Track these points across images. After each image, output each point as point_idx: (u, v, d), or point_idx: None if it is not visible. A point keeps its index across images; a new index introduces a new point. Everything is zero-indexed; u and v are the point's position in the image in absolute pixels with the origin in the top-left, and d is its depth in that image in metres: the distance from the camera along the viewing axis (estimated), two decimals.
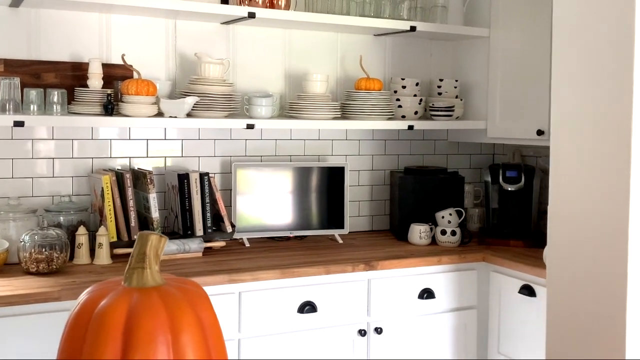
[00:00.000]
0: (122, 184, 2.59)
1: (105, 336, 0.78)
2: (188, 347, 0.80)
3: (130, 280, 0.88)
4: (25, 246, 2.33)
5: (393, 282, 2.70)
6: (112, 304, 0.81)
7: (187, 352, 0.80)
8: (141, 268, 0.86)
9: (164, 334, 0.79)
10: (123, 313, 0.80)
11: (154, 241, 0.87)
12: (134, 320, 0.79)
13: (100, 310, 0.80)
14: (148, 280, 0.87)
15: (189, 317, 0.82)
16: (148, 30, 2.79)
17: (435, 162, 3.45)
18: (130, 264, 0.89)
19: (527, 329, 2.71)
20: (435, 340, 2.79)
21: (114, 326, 0.78)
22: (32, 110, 2.42)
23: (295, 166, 3.01)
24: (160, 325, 0.79)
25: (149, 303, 0.81)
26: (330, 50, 3.15)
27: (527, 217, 3.10)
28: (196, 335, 0.81)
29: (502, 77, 3.13)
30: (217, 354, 0.84)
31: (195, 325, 0.81)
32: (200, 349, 0.81)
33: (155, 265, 0.88)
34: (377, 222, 3.34)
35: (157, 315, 0.80)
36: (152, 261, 0.87)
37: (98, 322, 0.79)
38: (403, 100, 3.11)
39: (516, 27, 3.05)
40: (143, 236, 0.88)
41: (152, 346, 0.78)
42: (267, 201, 2.95)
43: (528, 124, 2.97)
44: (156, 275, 0.88)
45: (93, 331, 0.79)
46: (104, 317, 0.79)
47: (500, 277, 2.83)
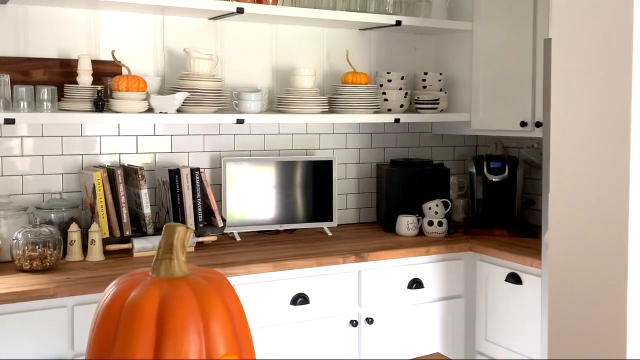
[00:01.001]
0: (114, 181, 2.60)
1: (139, 325, 0.81)
2: (218, 334, 0.83)
3: (159, 271, 0.90)
4: (19, 244, 2.33)
5: (383, 272, 2.74)
6: (143, 294, 0.83)
7: (218, 338, 0.83)
8: (169, 259, 0.89)
9: (195, 322, 0.82)
10: (155, 302, 0.82)
11: (181, 232, 0.90)
12: (166, 309, 0.81)
13: (132, 300, 0.83)
14: (176, 271, 0.90)
15: (218, 305, 0.84)
16: (136, 26, 2.80)
17: (420, 154, 3.50)
18: (158, 255, 0.92)
19: (513, 316, 2.78)
20: (425, 329, 2.85)
21: (147, 315, 0.81)
22: (22, 108, 2.41)
23: (283, 160, 3.04)
24: (191, 313, 0.82)
25: (179, 292, 0.84)
26: (316, 45, 3.18)
27: (511, 207, 3.17)
28: (225, 323, 0.84)
29: (485, 70, 3.18)
30: (245, 340, 0.87)
31: (224, 313, 0.84)
32: (229, 335, 0.84)
33: (182, 256, 0.90)
34: (364, 215, 3.39)
35: (188, 304, 0.83)
36: (179, 252, 0.89)
37: (131, 312, 0.81)
38: (389, 94, 3.15)
39: (499, 21, 3.11)
40: (170, 228, 0.91)
41: (185, 334, 0.81)
42: (256, 195, 2.98)
43: (511, 116, 3.04)
44: (183, 265, 0.90)
45: (126, 321, 0.81)
46: (137, 307, 0.82)
47: (487, 266, 2.89)
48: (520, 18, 3.00)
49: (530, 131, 2.98)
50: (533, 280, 2.66)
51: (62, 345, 2.18)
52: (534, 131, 2.97)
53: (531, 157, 3.28)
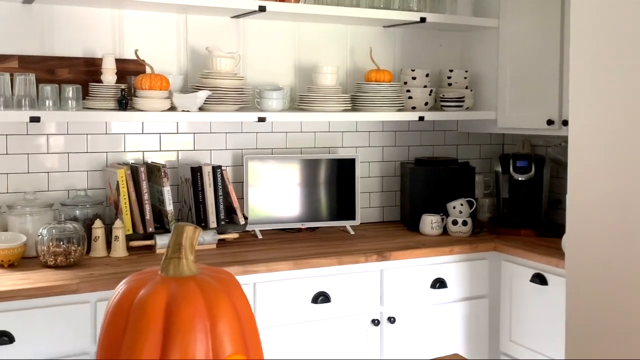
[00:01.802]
0: (137, 178, 2.62)
1: (146, 324, 0.81)
2: (225, 335, 0.83)
3: (167, 270, 0.90)
4: (44, 240, 2.36)
5: (405, 272, 2.72)
6: (152, 292, 0.83)
7: (225, 339, 0.83)
8: (177, 258, 0.89)
9: (202, 322, 0.81)
10: (163, 301, 0.82)
11: (190, 232, 0.90)
12: (174, 308, 0.81)
13: (140, 298, 0.83)
14: (184, 270, 0.89)
15: (225, 305, 0.84)
16: (159, 25, 2.81)
17: (445, 152, 3.47)
18: (167, 255, 0.92)
19: (538, 318, 2.73)
20: (448, 329, 2.82)
21: (155, 314, 0.81)
22: (47, 106, 2.45)
23: (306, 158, 3.04)
24: (199, 313, 0.82)
25: (187, 292, 0.84)
26: (339, 43, 3.16)
27: (537, 206, 3.12)
28: (233, 323, 0.83)
29: (511, 67, 3.14)
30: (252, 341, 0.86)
31: (231, 313, 0.84)
32: (236, 335, 0.84)
33: (190, 255, 0.90)
34: (387, 213, 3.36)
35: (196, 304, 0.82)
36: (187, 251, 0.89)
37: (139, 311, 0.82)
38: (413, 92, 3.13)
39: (525, 17, 3.06)
40: (179, 227, 0.91)
41: (192, 333, 0.81)
42: (278, 193, 2.98)
43: (538, 114, 2.99)
44: (192, 265, 0.90)
45: (134, 319, 0.81)
46: (145, 306, 0.82)
47: (512, 266, 2.85)
48: (548, 14, 2.95)
49: (557, 130, 2.93)
50: (558, 280, 2.61)
51: (85, 340, 2.20)
52: (560, 130, 2.92)
53: (558, 156, 3.22)
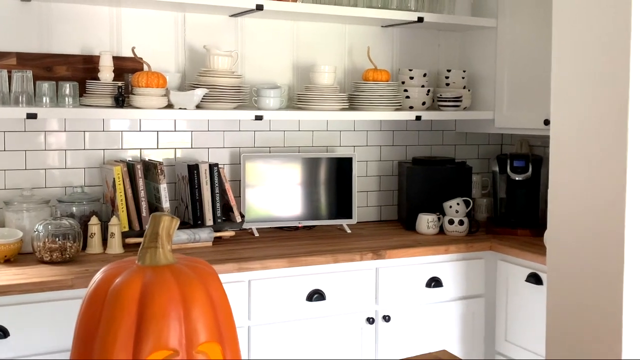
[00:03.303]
0: (134, 175, 2.63)
1: (120, 310, 0.82)
2: (199, 322, 0.84)
3: (144, 259, 0.91)
4: (40, 236, 2.37)
5: (401, 270, 2.73)
6: (127, 280, 0.84)
7: (198, 326, 0.84)
8: (154, 247, 0.90)
9: (176, 309, 0.82)
10: (137, 289, 0.83)
11: (166, 222, 0.91)
12: (148, 295, 0.82)
13: (115, 286, 0.84)
14: (161, 259, 0.91)
15: (199, 293, 0.85)
16: (157, 23, 2.83)
17: (443, 152, 3.47)
18: (144, 244, 0.93)
19: (534, 317, 2.73)
20: (443, 328, 2.82)
21: (129, 301, 0.82)
22: (44, 103, 2.46)
23: (303, 157, 3.04)
24: (172, 300, 0.83)
25: (161, 279, 0.85)
26: (337, 42, 3.17)
27: (534, 206, 3.12)
28: (207, 311, 0.84)
29: (509, 68, 3.14)
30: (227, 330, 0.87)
31: (206, 302, 0.85)
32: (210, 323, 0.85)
33: (167, 245, 0.91)
34: (385, 212, 3.37)
35: (170, 291, 0.83)
36: (164, 241, 0.90)
37: (114, 298, 0.83)
38: (411, 91, 3.13)
39: (523, 17, 3.06)
40: (156, 217, 0.92)
41: (165, 320, 0.82)
42: (276, 192, 2.98)
43: (535, 114, 2.98)
44: (168, 254, 0.91)
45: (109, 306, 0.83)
46: (120, 293, 0.83)
47: (508, 265, 2.85)
48: (546, 14, 2.93)
49: None
50: None
51: None
52: None
53: None
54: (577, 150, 1.98)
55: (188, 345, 0.81)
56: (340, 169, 3.09)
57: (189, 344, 0.81)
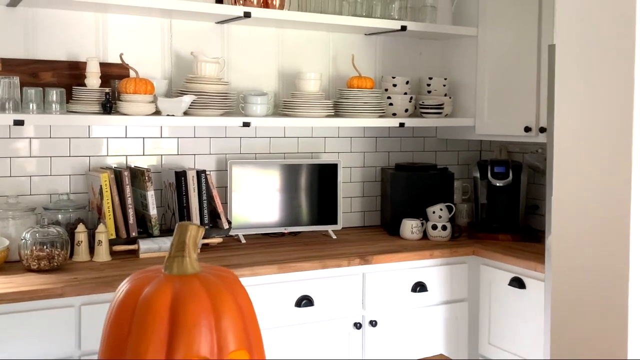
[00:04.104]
0: (120, 182, 2.62)
1: (152, 320, 0.83)
2: (229, 331, 0.85)
3: (171, 268, 0.92)
4: (27, 244, 2.35)
5: (387, 275, 2.76)
6: (157, 290, 0.85)
7: (229, 335, 0.85)
8: (181, 256, 0.91)
9: (207, 318, 0.84)
10: (168, 298, 0.84)
11: (193, 231, 0.92)
12: (179, 305, 0.83)
13: (146, 296, 0.85)
14: (188, 268, 0.92)
15: (229, 302, 0.87)
16: (144, 30, 2.82)
17: (424, 158, 3.52)
18: (170, 253, 0.94)
19: (517, 320, 2.79)
20: (428, 332, 2.86)
21: (161, 311, 0.83)
22: (31, 109, 2.44)
23: (289, 163, 3.06)
24: (203, 309, 0.84)
25: (191, 289, 0.86)
26: (322, 50, 3.20)
27: (515, 211, 3.18)
28: (236, 319, 0.86)
29: (489, 75, 3.20)
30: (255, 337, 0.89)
31: (235, 310, 0.86)
32: (240, 332, 0.86)
33: (193, 254, 0.92)
34: (368, 218, 3.40)
35: (200, 300, 0.85)
36: (191, 250, 0.91)
37: (145, 308, 0.83)
38: (394, 98, 3.18)
39: (504, 27, 3.13)
40: (182, 226, 0.93)
41: (197, 329, 0.83)
42: (261, 198, 3.00)
43: (516, 121, 3.05)
44: (195, 263, 0.92)
45: (140, 316, 0.83)
46: (151, 303, 0.84)
47: (491, 270, 2.90)
48: (525, 24, 3.02)
49: (535, 136, 3.00)
50: (537, 284, 2.67)
51: (69, 344, 2.20)
52: (538, 136, 2.99)
53: (535, 162, 3.29)
54: (580, 156, 1.99)
55: (219, 353, 0.83)
56: (325, 175, 3.11)
57: (219, 352, 0.83)
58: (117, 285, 2.26)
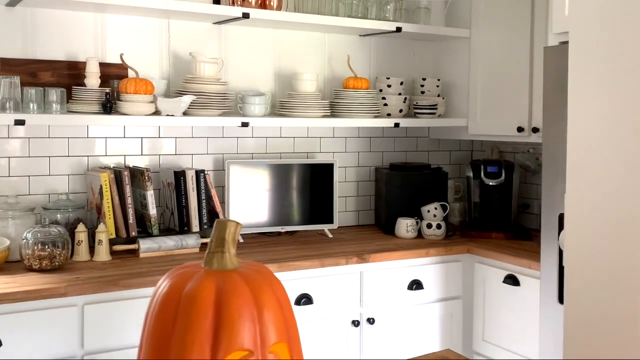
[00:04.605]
0: (120, 182, 2.63)
1: (197, 314, 0.85)
2: (270, 323, 0.88)
3: (211, 263, 0.95)
4: (28, 243, 2.35)
5: (384, 273, 2.80)
6: (200, 284, 0.88)
7: (270, 327, 0.88)
8: (221, 252, 0.93)
9: (250, 311, 0.86)
10: (212, 293, 0.87)
11: (232, 227, 0.94)
12: (223, 299, 0.86)
13: (189, 291, 0.87)
14: (227, 264, 0.94)
15: (269, 296, 0.89)
16: (142, 30, 2.83)
17: (417, 158, 3.57)
18: (210, 249, 0.96)
19: (511, 317, 2.84)
20: (424, 329, 2.91)
21: (205, 305, 0.85)
22: (32, 109, 2.44)
23: (285, 163, 3.09)
24: (246, 303, 0.86)
25: (234, 283, 0.88)
26: (317, 50, 3.23)
27: (507, 210, 3.24)
28: (276, 313, 0.88)
29: (482, 76, 3.25)
30: (293, 330, 0.92)
31: (274, 303, 0.89)
32: (280, 324, 0.89)
33: (232, 250, 0.95)
34: (362, 217, 3.44)
35: (243, 294, 0.87)
36: (230, 246, 0.94)
37: (190, 302, 0.86)
38: (389, 99, 3.21)
39: (496, 28, 3.18)
40: (221, 223, 0.95)
41: (241, 322, 0.85)
42: (258, 197, 3.02)
43: (508, 121, 3.11)
44: (234, 258, 0.95)
45: (185, 310, 0.86)
46: (195, 297, 0.86)
47: (485, 267, 2.95)
48: (518, 25, 3.07)
49: (527, 136, 3.06)
50: (531, 282, 2.73)
51: (72, 343, 2.20)
52: (530, 136, 3.04)
53: (526, 162, 3.35)
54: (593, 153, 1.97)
55: (262, 346, 0.85)
56: (321, 174, 3.14)
57: (262, 345, 0.85)
58: (121, 285, 2.28)
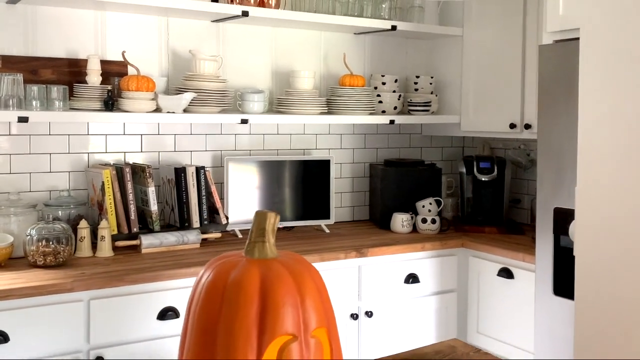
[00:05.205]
0: (122, 179, 2.65)
1: (244, 301, 0.89)
2: (311, 309, 0.92)
3: (252, 252, 0.98)
4: (33, 240, 2.36)
5: (381, 268, 2.85)
6: (245, 273, 0.92)
7: (311, 313, 0.92)
8: (262, 242, 0.97)
9: (293, 298, 0.90)
10: (257, 280, 0.91)
11: (272, 218, 0.99)
12: (268, 286, 0.90)
13: (235, 279, 0.91)
14: (268, 253, 0.98)
15: (309, 283, 0.93)
16: (141, 28, 2.85)
17: (410, 154, 3.63)
18: (251, 239, 1.00)
19: (505, 309, 2.91)
20: (420, 322, 2.96)
21: (251, 292, 0.89)
22: (34, 106, 2.45)
23: (283, 160, 3.13)
24: (289, 290, 0.90)
25: (276, 271, 0.92)
26: (313, 48, 3.27)
27: (499, 205, 3.31)
28: (316, 299, 0.93)
29: (475, 74, 3.32)
30: (331, 317, 0.96)
31: (314, 290, 0.93)
32: (320, 311, 0.93)
33: (272, 239, 0.99)
34: (357, 213, 3.49)
35: (286, 282, 0.91)
36: (270, 236, 0.98)
37: (235, 289, 0.90)
38: (383, 96, 3.27)
39: (488, 26, 3.25)
40: (261, 214, 0.99)
41: (285, 308, 0.89)
42: (255, 193, 3.05)
43: (501, 118, 3.17)
44: (273, 248, 0.99)
45: (231, 297, 0.89)
46: (241, 285, 0.90)
47: (479, 261, 3.02)
48: (510, 24, 3.14)
49: (519, 133, 3.13)
50: (525, 274, 2.80)
51: (78, 338, 2.22)
52: (522, 133, 3.11)
53: (517, 158, 3.43)
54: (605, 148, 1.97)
55: (304, 331, 0.89)
56: (317, 171, 3.19)
57: (305, 330, 0.89)
58: (126, 280, 2.31)
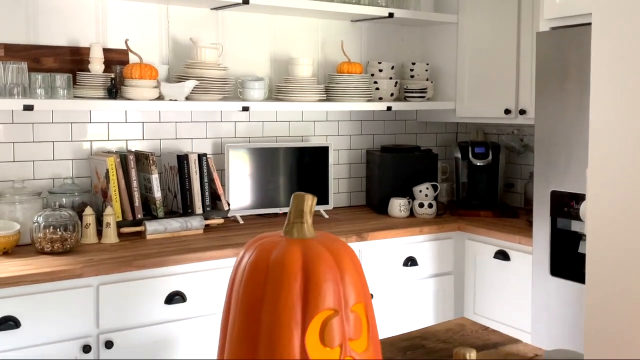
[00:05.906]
0: (126, 166, 2.67)
1: (287, 278, 0.93)
2: (350, 286, 0.97)
3: (292, 233, 1.03)
4: (40, 227, 2.38)
5: (381, 251, 2.91)
6: (286, 251, 0.96)
7: (350, 289, 0.97)
8: (300, 223, 1.02)
9: (334, 275, 0.95)
10: (299, 258, 0.95)
11: (309, 200, 1.03)
12: (310, 263, 0.94)
13: (277, 258, 0.95)
14: (306, 233, 1.03)
15: (348, 261, 0.98)
16: (142, 16, 2.86)
17: (406, 140, 3.68)
18: (290, 220, 1.05)
19: (501, 290, 2.98)
20: (419, 304, 3.03)
21: (294, 269, 0.94)
22: (39, 95, 2.46)
23: (283, 146, 3.16)
24: (330, 267, 0.95)
25: (317, 249, 0.97)
26: (311, 36, 3.30)
27: (494, 189, 3.38)
28: (354, 276, 0.97)
29: (470, 61, 3.37)
30: (367, 291, 1.01)
31: (352, 267, 0.98)
32: (358, 287, 0.98)
33: (310, 220, 1.03)
34: (354, 198, 3.54)
35: (327, 259, 0.95)
36: (307, 217, 1.02)
37: (279, 268, 0.94)
38: (380, 83, 3.31)
39: (483, 13, 3.30)
40: (299, 196, 1.03)
41: (327, 284, 0.94)
42: (255, 180, 3.09)
43: (495, 104, 3.24)
44: (311, 228, 1.03)
45: (275, 275, 0.94)
46: (284, 263, 0.94)
47: (475, 244, 3.09)
48: (505, 11, 3.19)
49: (514, 118, 3.19)
50: (521, 256, 2.87)
51: (87, 323, 2.26)
52: (517, 118, 3.18)
53: (511, 143, 3.49)
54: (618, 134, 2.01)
55: (345, 306, 0.94)
56: (316, 157, 3.23)
57: (345, 305, 0.94)
58: (134, 265, 2.35)
